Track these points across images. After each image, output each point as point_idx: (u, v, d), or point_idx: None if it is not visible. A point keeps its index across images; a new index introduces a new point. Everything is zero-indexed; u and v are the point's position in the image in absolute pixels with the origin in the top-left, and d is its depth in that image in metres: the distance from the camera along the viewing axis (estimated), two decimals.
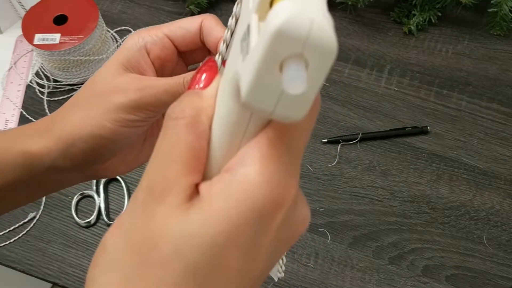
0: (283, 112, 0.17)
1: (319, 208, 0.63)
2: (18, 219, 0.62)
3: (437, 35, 0.79)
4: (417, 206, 0.63)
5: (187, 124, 0.21)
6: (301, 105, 0.17)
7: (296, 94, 0.16)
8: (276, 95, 0.17)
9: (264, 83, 0.17)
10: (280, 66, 0.16)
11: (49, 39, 0.67)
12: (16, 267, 0.59)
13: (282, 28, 0.15)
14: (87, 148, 0.31)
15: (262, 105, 0.17)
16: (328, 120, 0.70)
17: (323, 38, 0.16)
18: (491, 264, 0.59)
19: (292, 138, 0.20)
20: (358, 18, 0.81)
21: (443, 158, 0.66)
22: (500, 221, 0.62)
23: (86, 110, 0.31)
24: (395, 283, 0.58)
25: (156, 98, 0.30)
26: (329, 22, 0.16)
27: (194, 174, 0.20)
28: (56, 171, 0.32)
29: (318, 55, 0.16)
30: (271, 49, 0.16)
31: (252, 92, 0.17)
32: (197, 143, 0.21)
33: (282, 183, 0.19)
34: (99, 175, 0.35)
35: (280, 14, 0.15)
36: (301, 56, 0.16)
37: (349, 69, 0.75)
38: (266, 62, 0.16)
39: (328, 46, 0.16)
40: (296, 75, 0.16)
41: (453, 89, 0.73)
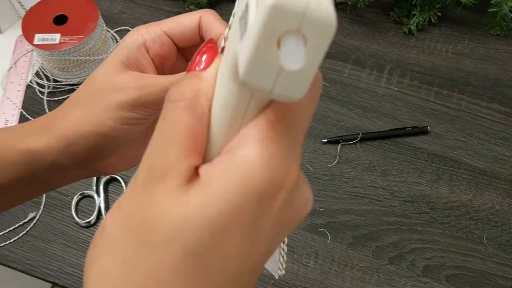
0: (282, 90, 0.17)
1: (319, 208, 0.63)
2: (18, 219, 0.62)
3: (437, 35, 0.79)
4: (417, 206, 0.63)
5: (186, 106, 0.21)
6: (301, 83, 0.17)
7: (295, 70, 0.16)
8: (275, 72, 0.16)
9: (262, 60, 0.16)
10: (278, 42, 0.16)
11: (49, 39, 0.67)
12: (16, 267, 0.59)
13: (278, 3, 0.15)
14: (87, 145, 0.31)
15: (261, 82, 0.17)
16: (328, 120, 0.70)
17: (320, 13, 0.15)
18: (491, 264, 0.59)
19: (292, 119, 0.19)
20: (358, 18, 0.81)
21: (443, 158, 0.66)
22: (500, 221, 0.62)
23: (86, 108, 0.31)
24: (395, 283, 0.58)
25: (156, 96, 0.30)
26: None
27: (194, 156, 0.20)
28: (57, 168, 0.32)
29: (316, 31, 0.16)
30: (267, 24, 0.15)
31: (250, 69, 0.16)
32: (196, 125, 0.21)
33: (282, 164, 0.19)
34: (100, 172, 0.35)
35: None
36: (299, 31, 0.16)
37: (349, 69, 0.75)
38: (263, 38, 0.16)
39: (326, 21, 0.15)
40: (294, 50, 0.15)
41: (453, 89, 0.73)
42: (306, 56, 0.16)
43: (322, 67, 0.78)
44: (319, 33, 0.16)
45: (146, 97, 0.30)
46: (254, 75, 0.17)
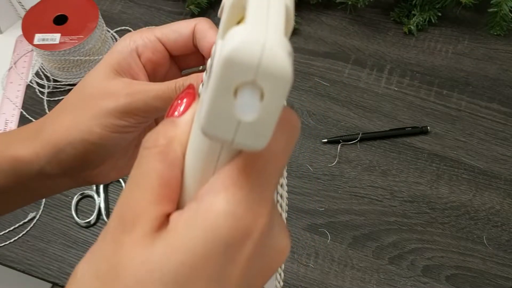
0: (244, 140, 0.17)
1: (319, 208, 0.63)
2: (18, 219, 0.62)
3: (437, 35, 0.79)
4: (417, 206, 0.63)
5: (158, 153, 0.21)
6: (261, 132, 0.17)
7: (250, 121, 0.16)
8: (234, 123, 0.16)
9: (220, 111, 0.16)
10: (235, 93, 0.16)
11: (49, 39, 0.67)
12: (16, 267, 0.59)
13: (231, 56, 0.15)
14: (76, 153, 0.31)
15: (221, 134, 0.17)
16: (328, 120, 0.70)
17: (275, 65, 0.15)
18: (491, 264, 0.59)
19: (262, 165, 0.19)
20: (358, 18, 0.81)
21: (443, 158, 0.66)
22: (500, 221, 0.62)
23: (74, 114, 0.31)
24: (395, 283, 0.58)
25: (146, 103, 0.30)
26: (283, 48, 0.16)
27: (165, 203, 0.20)
28: (45, 176, 0.32)
29: (271, 82, 0.16)
30: (222, 76, 0.15)
31: (209, 120, 0.16)
32: (168, 172, 0.20)
33: (250, 212, 0.18)
34: (90, 181, 0.34)
35: (231, 41, 0.15)
36: (255, 83, 0.15)
37: (349, 69, 0.75)
38: (219, 89, 0.16)
39: (280, 74, 0.15)
40: (248, 101, 0.15)
41: (453, 89, 0.73)
42: (263, 107, 0.16)
43: (322, 67, 0.78)
44: (275, 85, 0.16)
45: (136, 104, 0.30)
46: (214, 126, 0.17)
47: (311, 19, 0.81)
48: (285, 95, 0.16)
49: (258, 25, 0.16)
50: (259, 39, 0.15)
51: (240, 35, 0.15)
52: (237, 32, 0.15)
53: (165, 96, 0.30)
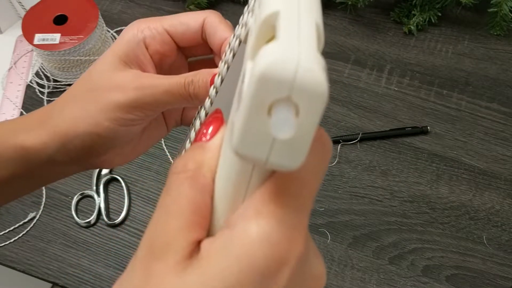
0: (278, 160, 0.16)
1: (319, 208, 0.63)
2: (18, 219, 0.62)
3: (437, 35, 0.79)
4: (417, 206, 0.63)
5: (188, 178, 0.20)
6: (296, 151, 0.16)
7: (285, 139, 0.15)
8: (268, 142, 0.16)
9: (254, 131, 0.16)
10: (269, 111, 0.15)
11: (49, 39, 0.67)
12: (16, 267, 0.59)
13: (266, 73, 0.15)
14: (83, 145, 0.31)
15: (255, 154, 0.16)
16: (328, 120, 0.70)
17: (311, 81, 0.15)
18: (491, 264, 0.59)
19: (296, 188, 0.18)
20: (358, 18, 0.81)
21: (443, 158, 0.66)
22: (500, 221, 0.62)
23: (82, 106, 0.31)
24: (395, 283, 0.58)
25: (155, 98, 0.30)
26: (319, 63, 0.15)
27: (196, 230, 0.19)
28: (54, 164, 0.32)
29: (307, 99, 0.15)
30: (256, 94, 0.15)
31: (242, 140, 0.16)
32: (199, 198, 0.20)
33: (285, 238, 0.18)
34: (97, 166, 0.34)
35: (264, 58, 0.15)
36: (290, 99, 0.15)
37: (349, 69, 0.75)
38: (253, 108, 0.15)
39: (316, 89, 0.15)
40: (284, 119, 0.15)
41: (453, 89, 0.73)
42: (298, 124, 0.16)
43: None
44: (310, 101, 0.15)
45: (145, 98, 0.30)
46: (247, 146, 0.16)
47: None
48: (321, 112, 0.16)
49: (291, 41, 0.15)
50: (293, 54, 0.15)
51: (273, 51, 0.15)
52: (270, 48, 0.15)
53: (174, 92, 0.29)
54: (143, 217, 0.62)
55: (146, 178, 0.65)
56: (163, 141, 0.68)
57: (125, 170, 0.65)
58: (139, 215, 0.62)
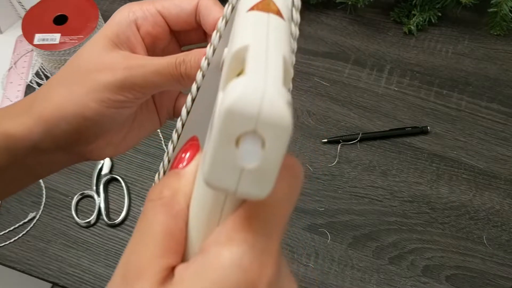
0: (247, 189, 0.17)
1: (319, 208, 0.63)
2: (18, 219, 0.62)
3: (437, 35, 0.79)
4: (417, 206, 0.63)
5: (163, 205, 0.21)
6: (264, 181, 0.17)
7: (253, 168, 0.16)
8: (237, 173, 0.17)
9: (223, 162, 0.17)
10: (237, 143, 0.16)
11: (49, 39, 0.67)
12: (16, 267, 0.59)
13: (232, 108, 0.16)
14: (70, 129, 0.29)
15: (224, 184, 0.17)
16: (328, 120, 0.70)
17: (274, 115, 0.16)
18: (491, 264, 0.59)
19: (267, 215, 0.19)
20: (358, 18, 0.81)
21: (443, 158, 0.66)
22: (500, 221, 0.62)
23: (69, 88, 0.29)
24: (395, 283, 0.58)
25: (145, 78, 0.28)
26: (283, 97, 0.16)
27: (170, 256, 0.20)
28: (39, 152, 0.30)
29: (271, 132, 0.16)
30: (224, 127, 0.16)
31: (212, 171, 0.17)
32: (173, 224, 0.20)
33: (256, 263, 0.18)
34: (86, 156, 0.33)
35: (231, 93, 0.16)
36: (255, 132, 0.16)
37: (349, 69, 0.75)
38: (221, 140, 0.16)
39: (280, 123, 0.16)
40: (251, 150, 0.16)
41: (453, 89, 0.73)
42: (264, 155, 0.16)
43: (322, 67, 0.78)
44: (275, 134, 0.16)
45: (135, 79, 0.28)
46: (217, 176, 0.17)
47: (311, 19, 0.81)
48: (286, 143, 0.16)
49: (257, 77, 0.16)
50: (258, 90, 0.16)
51: (239, 86, 0.16)
52: (237, 83, 0.16)
53: (165, 72, 0.28)
54: None
55: (146, 178, 0.65)
56: (162, 142, 0.68)
57: (125, 170, 0.66)
58: (139, 215, 0.62)
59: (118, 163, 0.66)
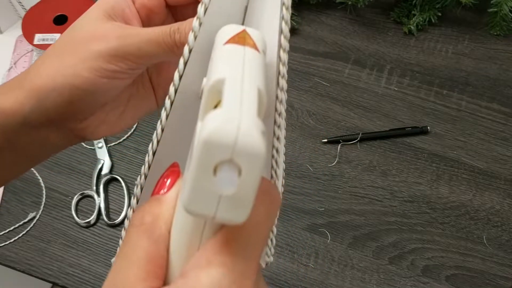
0: (225, 215, 0.18)
1: (319, 208, 0.63)
2: (18, 219, 0.62)
3: (437, 35, 0.79)
4: (417, 206, 0.63)
5: (144, 231, 0.21)
6: (241, 207, 0.18)
7: (230, 194, 0.17)
8: (215, 200, 0.18)
9: (202, 189, 0.17)
10: (214, 172, 0.17)
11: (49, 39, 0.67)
12: (16, 267, 0.59)
13: (209, 139, 0.17)
14: (62, 100, 0.29)
15: (203, 210, 0.18)
16: (328, 120, 0.70)
17: (249, 145, 0.17)
18: (491, 264, 0.59)
19: (245, 238, 0.20)
20: (358, 18, 0.81)
21: (443, 158, 0.66)
22: (500, 221, 0.62)
23: (61, 59, 0.29)
24: (395, 283, 0.58)
25: (138, 47, 0.28)
26: (257, 128, 0.17)
27: (152, 279, 0.20)
28: (31, 128, 0.30)
29: (246, 160, 0.17)
30: (202, 157, 0.17)
31: (191, 198, 0.18)
32: (154, 249, 0.21)
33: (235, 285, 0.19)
34: (80, 135, 0.32)
35: (209, 124, 0.17)
36: (232, 161, 0.17)
37: (349, 69, 0.75)
38: (200, 169, 0.17)
39: (254, 152, 0.17)
40: (227, 177, 0.17)
41: (453, 89, 0.73)
42: (241, 182, 0.17)
43: (322, 67, 0.78)
44: (250, 162, 0.17)
45: (128, 47, 0.28)
46: (196, 203, 0.18)
47: (311, 19, 0.81)
48: (261, 170, 0.17)
49: (233, 109, 0.17)
50: (234, 122, 0.17)
51: (216, 118, 0.17)
52: (214, 115, 0.17)
53: (159, 41, 0.28)
54: None
55: None
56: None
57: (125, 170, 0.66)
58: None
59: (118, 163, 0.66)
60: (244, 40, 0.21)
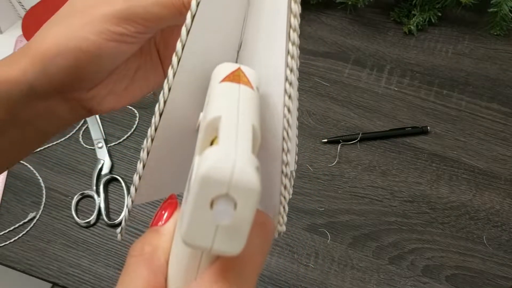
0: (221, 247, 0.19)
1: (319, 208, 0.63)
2: (18, 219, 0.62)
3: (437, 35, 0.79)
4: (417, 206, 0.63)
5: (144, 261, 0.22)
6: (236, 239, 0.19)
7: (226, 227, 0.18)
8: (212, 232, 0.19)
9: (199, 223, 0.18)
10: (211, 205, 0.18)
11: None
12: (16, 267, 0.59)
13: (207, 175, 0.18)
14: (67, 65, 0.28)
15: (200, 242, 0.19)
16: (328, 120, 0.70)
17: (244, 180, 0.18)
18: (491, 264, 0.59)
19: (240, 268, 0.21)
20: (358, 18, 0.81)
21: (443, 158, 0.67)
22: (500, 221, 0.62)
23: (66, 23, 0.28)
24: (395, 283, 0.58)
25: (146, 9, 0.27)
26: (252, 164, 0.18)
27: None
28: (36, 98, 0.29)
29: (242, 195, 0.18)
30: (200, 192, 0.18)
31: (189, 231, 0.19)
32: (153, 279, 0.22)
33: None
34: (87, 107, 0.32)
35: (206, 161, 0.18)
36: (228, 195, 0.18)
37: (349, 69, 0.75)
38: (197, 203, 0.18)
39: (249, 187, 0.18)
40: (224, 210, 0.18)
41: (453, 89, 0.73)
42: (236, 215, 0.18)
43: (322, 67, 0.78)
44: (245, 196, 0.18)
45: (135, 9, 0.27)
46: (193, 236, 0.19)
47: (311, 19, 0.81)
48: (255, 204, 0.18)
49: (229, 147, 0.18)
50: (230, 159, 0.18)
51: (213, 156, 0.18)
52: (211, 152, 0.18)
53: (167, 2, 0.27)
54: (143, 217, 0.62)
55: None
56: None
57: (125, 170, 0.66)
58: (139, 215, 0.62)
59: (118, 163, 0.66)
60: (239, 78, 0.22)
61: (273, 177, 0.26)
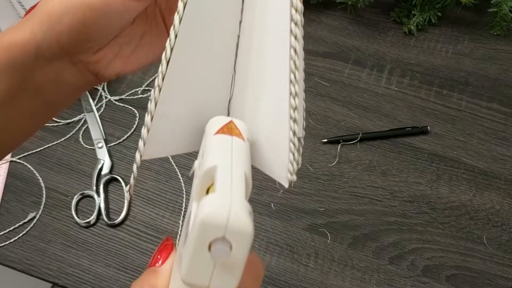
0: (218, 284, 0.21)
1: (319, 208, 0.63)
2: (18, 219, 0.62)
3: (437, 35, 0.79)
4: (417, 206, 0.63)
5: None
6: (232, 277, 0.21)
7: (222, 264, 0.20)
8: (209, 272, 0.21)
9: (198, 264, 0.20)
10: (209, 247, 0.20)
11: None
12: (16, 267, 0.59)
13: (205, 221, 0.19)
14: (74, 23, 0.28)
15: (199, 281, 0.21)
16: (328, 120, 0.70)
17: (239, 225, 0.20)
18: (491, 264, 0.59)
19: None
20: (358, 18, 0.81)
21: (443, 158, 0.67)
22: (500, 221, 0.62)
23: None
24: (395, 283, 0.58)
25: None
26: (245, 209, 0.20)
27: None
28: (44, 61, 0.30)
29: (237, 238, 0.20)
30: (199, 235, 0.20)
31: (189, 272, 0.21)
32: None
33: None
34: (94, 70, 0.32)
35: (204, 208, 0.20)
36: (224, 238, 0.20)
37: (349, 69, 0.75)
38: (196, 247, 0.20)
39: (244, 231, 0.20)
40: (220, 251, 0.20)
41: (453, 89, 0.73)
42: (232, 255, 0.20)
43: (322, 67, 0.78)
44: (240, 239, 0.20)
45: None
46: (192, 276, 0.21)
47: (311, 19, 0.81)
48: (249, 246, 0.20)
49: (224, 194, 0.20)
50: (226, 206, 0.20)
51: (211, 203, 0.20)
52: (209, 200, 0.20)
53: None
54: (143, 217, 0.62)
55: (146, 178, 0.65)
56: None
57: (125, 170, 0.66)
58: (139, 215, 0.62)
59: (118, 163, 0.66)
60: (231, 130, 0.25)
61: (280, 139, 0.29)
